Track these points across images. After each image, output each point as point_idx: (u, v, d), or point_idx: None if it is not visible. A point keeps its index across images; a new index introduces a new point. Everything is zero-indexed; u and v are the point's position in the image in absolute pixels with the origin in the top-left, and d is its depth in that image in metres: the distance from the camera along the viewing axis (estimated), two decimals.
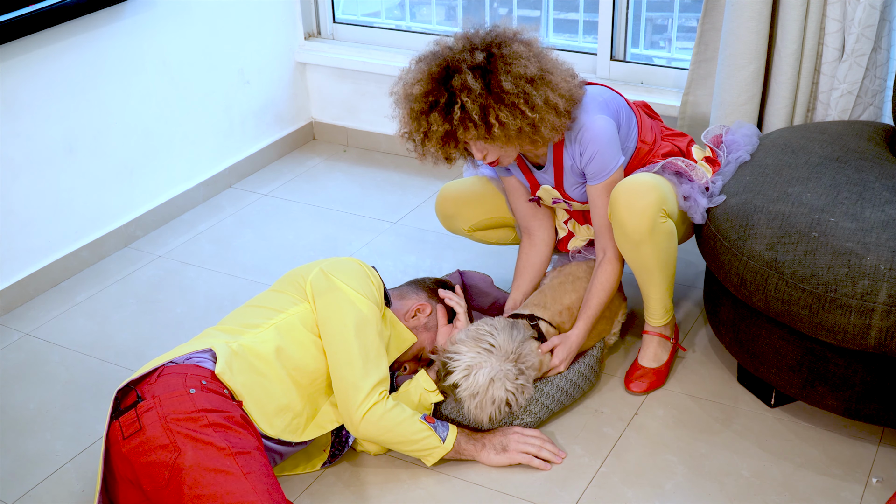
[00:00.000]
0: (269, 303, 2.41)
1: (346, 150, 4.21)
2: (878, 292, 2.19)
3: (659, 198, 2.46)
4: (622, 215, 2.46)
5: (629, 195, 2.45)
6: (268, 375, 2.27)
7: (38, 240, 3.25)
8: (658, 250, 2.50)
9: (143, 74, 3.48)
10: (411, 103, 2.40)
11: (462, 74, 2.32)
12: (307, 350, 2.34)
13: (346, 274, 2.39)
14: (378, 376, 2.31)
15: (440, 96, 2.35)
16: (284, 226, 3.64)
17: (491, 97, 2.32)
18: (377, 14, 4.19)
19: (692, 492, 2.35)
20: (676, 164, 2.58)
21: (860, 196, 2.41)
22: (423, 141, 2.43)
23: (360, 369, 2.29)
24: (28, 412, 2.72)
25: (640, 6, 3.61)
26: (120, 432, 2.10)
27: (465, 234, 2.92)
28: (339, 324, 2.32)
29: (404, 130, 2.47)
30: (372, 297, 2.38)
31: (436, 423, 2.37)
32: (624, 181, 2.49)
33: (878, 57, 2.90)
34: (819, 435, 2.50)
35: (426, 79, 2.36)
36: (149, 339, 3.01)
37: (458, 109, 2.32)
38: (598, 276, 2.62)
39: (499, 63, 2.33)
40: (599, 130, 2.47)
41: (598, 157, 2.49)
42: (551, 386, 2.54)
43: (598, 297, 2.61)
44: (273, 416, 2.26)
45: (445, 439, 2.36)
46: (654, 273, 2.55)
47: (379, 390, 2.30)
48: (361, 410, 2.28)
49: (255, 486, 2.03)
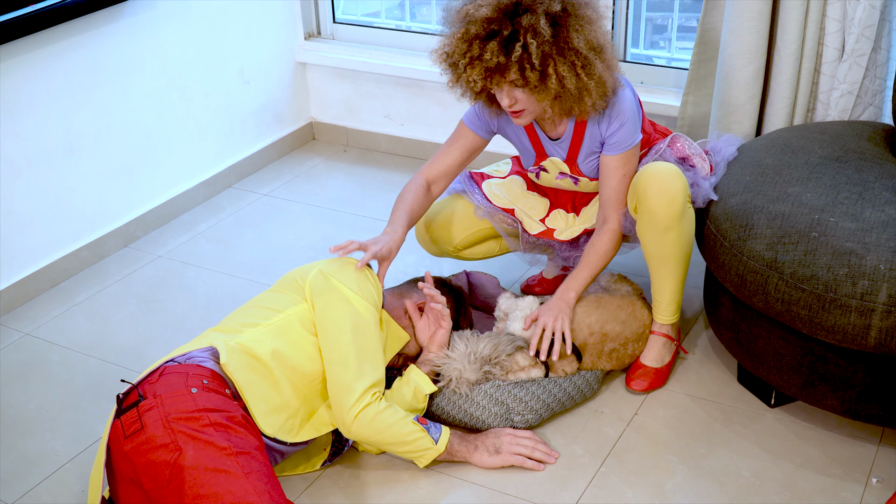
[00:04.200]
0: (267, 303, 2.41)
1: (346, 150, 4.21)
2: (878, 292, 2.19)
3: (684, 183, 2.49)
4: (654, 202, 2.46)
5: (660, 181, 2.46)
6: (263, 375, 2.27)
7: (38, 240, 3.25)
8: (682, 236, 2.52)
9: (143, 74, 3.48)
10: (469, 24, 2.35)
11: (535, 15, 2.30)
12: (304, 351, 2.33)
13: (345, 275, 2.39)
14: (373, 378, 2.31)
15: (504, 28, 2.32)
16: (284, 226, 3.64)
17: (555, 48, 2.32)
18: (377, 14, 4.19)
19: (692, 492, 2.35)
20: (683, 147, 2.62)
21: (860, 196, 2.41)
22: (466, 66, 2.38)
23: (354, 370, 2.29)
24: (28, 412, 2.72)
25: (640, 6, 3.61)
26: (121, 431, 2.10)
27: (452, 254, 2.91)
28: (335, 324, 2.32)
29: (446, 51, 2.42)
30: (370, 298, 2.38)
31: (429, 424, 2.37)
32: (647, 169, 2.50)
33: (878, 57, 2.90)
34: (819, 435, 2.50)
35: (495, 6, 2.33)
36: (149, 339, 3.01)
37: (519, 47, 2.30)
38: (596, 243, 2.61)
39: (572, 20, 2.33)
40: (628, 101, 2.51)
41: (625, 127, 2.51)
42: (554, 385, 2.54)
43: (593, 263, 2.60)
44: (267, 415, 2.25)
45: (438, 441, 2.36)
46: (674, 263, 2.56)
47: (372, 392, 2.30)
48: (353, 411, 2.27)
49: (256, 485, 2.03)
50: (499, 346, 2.53)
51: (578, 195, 2.79)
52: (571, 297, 2.60)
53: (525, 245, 2.86)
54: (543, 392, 2.52)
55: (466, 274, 2.98)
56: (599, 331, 2.60)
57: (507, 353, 2.53)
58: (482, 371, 2.51)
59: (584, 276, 2.62)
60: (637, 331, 2.66)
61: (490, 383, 2.51)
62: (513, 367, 2.54)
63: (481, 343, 2.53)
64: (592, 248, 2.62)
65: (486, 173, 2.89)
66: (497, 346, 2.52)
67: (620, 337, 2.63)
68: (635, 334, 2.66)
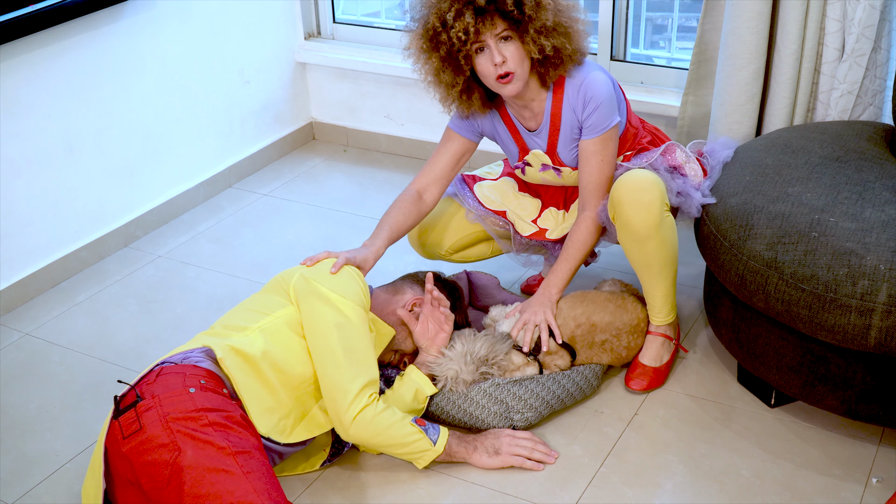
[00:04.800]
0: (255, 306, 2.41)
1: (346, 150, 4.21)
2: (878, 292, 2.19)
3: (661, 192, 2.48)
4: (628, 212, 2.46)
5: (633, 191, 2.46)
6: (255, 376, 2.27)
7: (38, 240, 3.25)
8: (664, 245, 2.51)
9: (143, 74, 3.48)
10: None
11: None
12: (293, 353, 2.33)
13: (327, 277, 2.38)
14: (366, 378, 2.30)
15: None
16: (284, 226, 3.64)
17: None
18: (377, 14, 4.19)
19: (692, 492, 2.35)
20: (675, 156, 2.61)
21: (860, 196, 2.41)
22: (455, 21, 2.40)
23: (346, 372, 2.28)
24: (28, 412, 2.72)
25: (640, 6, 3.61)
26: (120, 432, 2.10)
27: (445, 258, 2.91)
28: (320, 327, 2.31)
29: (426, 24, 2.46)
30: (357, 298, 2.37)
31: (427, 425, 2.36)
32: (623, 178, 2.49)
33: (878, 57, 2.90)
34: (819, 435, 2.50)
35: None
36: (149, 339, 3.01)
37: None
38: (574, 233, 2.63)
39: None
40: (602, 83, 2.53)
41: (600, 109, 2.52)
42: (553, 383, 2.54)
43: (572, 254, 2.62)
44: (261, 414, 2.25)
45: (436, 442, 2.35)
46: (659, 269, 2.56)
47: (368, 392, 2.29)
48: (351, 413, 2.27)
49: (256, 485, 2.03)
50: (495, 345, 2.53)
51: (569, 191, 2.80)
52: (553, 292, 2.61)
53: (518, 247, 2.86)
54: (543, 390, 2.53)
55: (467, 274, 2.98)
56: (587, 322, 2.61)
57: (503, 351, 2.53)
58: (479, 372, 2.51)
59: (564, 270, 2.63)
60: (630, 322, 2.66)
61: (489, 382, 2.50)
62: (509, 367, 2.54)
63: (478, 343, 2.53)
64: (570, 240, 2.63)
65: (479, 175, 2.89)
66: (493, 346, 2.53)
67: (611, 327, 2.63)
68: (628, 325, 2.66)
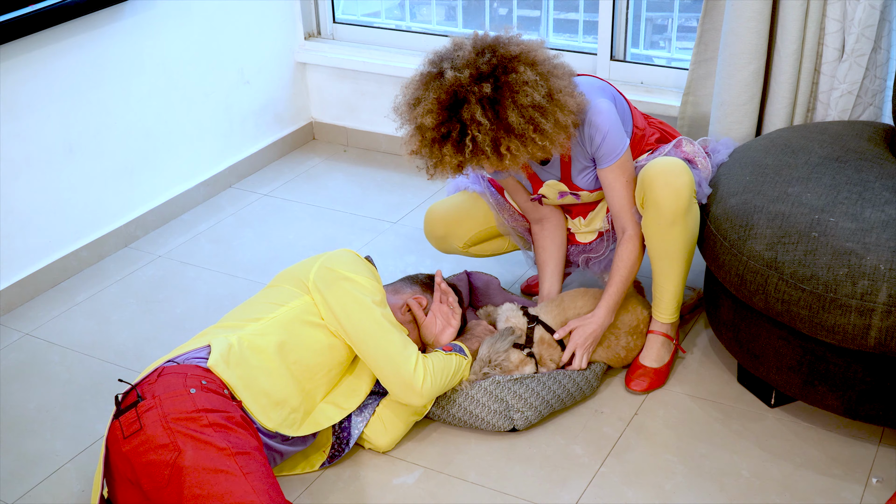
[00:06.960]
0: (268, 298, 2.42)
1: (346, 150, 4.21)
2: (878, 292, 2.19)
3: (691, 178, 2.51)
4: (660, 194, 2.48)
5: (666, 174, 2.48)
6: (265, 369, 2.28)
7: (38, 240, 3.25)
8: (687, 232, 2.53)
9: (143, 74, 3.48)
10: (424, 132, 2.37)
11: (471, 107, 2.30)
12: (306, 344, 2.35)
13: (347, 264, 2.43)
14: (410, 342, 2.40)
15: (452, 128, 2.34)
16: (284, 226, 3.64)
17: (501, 129, 2.32)
18: (377, 14, 4.19)
19: (692, 492, 2.35)
20: (686, 150, 2.64)
21: (860, 196, 2.41)
22: (436, 165, 2.42)
23: (399, 342, 2.37)
24: (28, 412, 2.72)
25: (640, 6, 3.61)
26: (120, 431, 2.10)
27: (460, 251, 2.93)
28: (361, 307, 2.36)
29: (414, 150, 2.43)
30: (378, 283, 2.45)
31: (454, 347, 2.53)
32: (654, 162, 2.52)
33: (878, 57, 2.90)
34: (819, 435, 2.50)
35: (436, 109, 2.34)
36: (149, 339, 3.01)
37: (469, 142, 2.32)
38: (621, 254, 2.63)
39: (506, 92, 2.31)
40: (605, 113, 2.50)
41: (609, 138, 2.51)
42: (554, 382, 2.55)
43: (621, 276, 2.61)
44: (269, 409, 2.26)
45: (466, 353, 2.54)
46: (678, 259, 2.57)
47: (416, 353, 2.39)
48: (419, 376, 2.36)
49: (255, 486, 2.03)
50: (494, 345, 2.53)
51: (590, 206, 2.81)
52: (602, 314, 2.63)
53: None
54: (544, 389, 2.53)
55: (467, 274, 2.98)
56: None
57: (503, 349, 2.53)
58: (482, 372, 2.53)
59: (616, 292, 2.63)
60: (630, 323, 2.67)
61: (490, 380, 2.51)
62: (509, 367, 2.55)
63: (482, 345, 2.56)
64: (619, 260, 2.63)
65: None
66: (493, 346, 2.53)
67: (612, 325, 2.65)
68: (629, 327, 2.67)
